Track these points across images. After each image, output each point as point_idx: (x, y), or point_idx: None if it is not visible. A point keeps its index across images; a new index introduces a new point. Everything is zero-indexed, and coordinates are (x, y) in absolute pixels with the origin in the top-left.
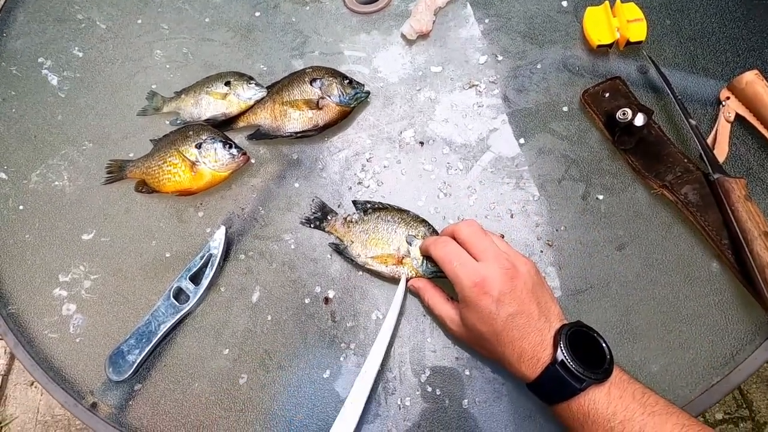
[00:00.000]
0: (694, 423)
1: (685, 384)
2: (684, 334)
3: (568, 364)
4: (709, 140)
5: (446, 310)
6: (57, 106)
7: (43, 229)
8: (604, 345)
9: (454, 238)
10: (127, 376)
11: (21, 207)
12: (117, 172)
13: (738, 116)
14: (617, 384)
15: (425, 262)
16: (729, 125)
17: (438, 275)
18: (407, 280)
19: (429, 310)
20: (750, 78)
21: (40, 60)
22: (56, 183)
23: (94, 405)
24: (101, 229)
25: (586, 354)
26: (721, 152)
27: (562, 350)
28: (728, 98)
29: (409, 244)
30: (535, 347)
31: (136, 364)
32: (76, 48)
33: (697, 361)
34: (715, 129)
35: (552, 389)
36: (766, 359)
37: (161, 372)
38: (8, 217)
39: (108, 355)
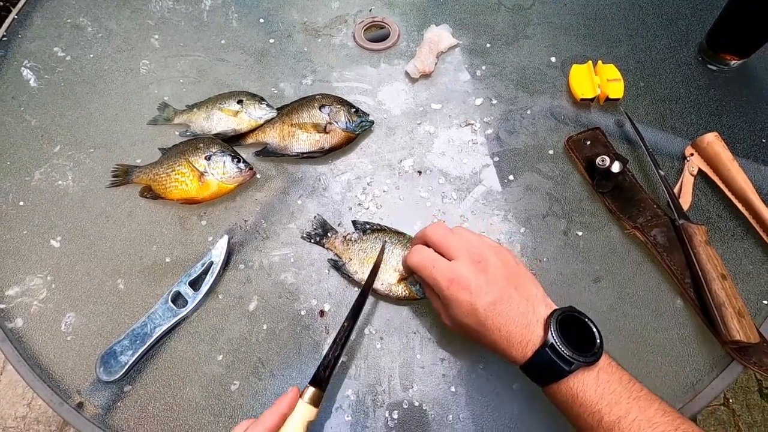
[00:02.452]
0: (674, 411)
1: None
2: (650, 364)
3: (557, 347)
4: (676, 190)
5: (439, 304)
6: (67, 108)
7: (42, 226)
8: (595, 330)
9: (426, 242)
10: (117, 376)
11: (21, 203)
12: (123, 176)
13: (700, 171)
14: (606, 369)
15: (419, 283)
16: (692, 178)
17: None
18: (400, 298)
19: (427, 322)
20: (710, 139)
21: (52, 63)
22: (60, 182)
23: (80, 405)
24: (102, 230)
25: (578, 338)
26: (686, 201)
27: (552, 334)
28: (692, 154)
29: None
30: (522, 330)
31: (128, 366)
32: (92, 55)
33: (662, 388)
34: (680, 180)
35: (542, 371)
36: (722, 389)
37: (152, 375)
38: (7, 211)
39: (99, 355)
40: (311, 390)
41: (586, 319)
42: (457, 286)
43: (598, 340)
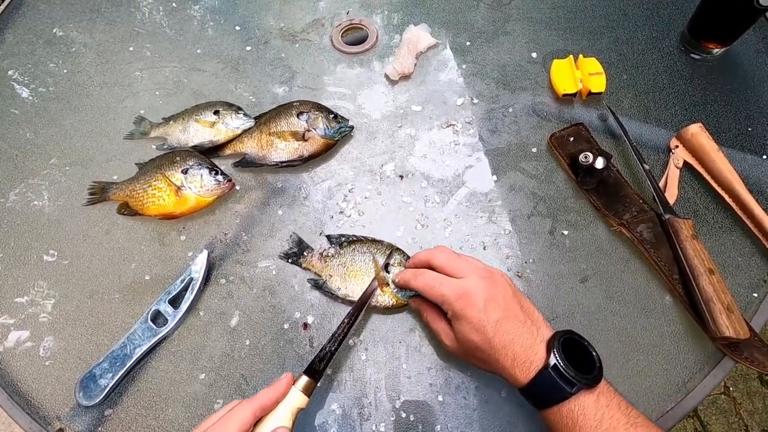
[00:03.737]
0: None
1: (642, 410)
2: (641, 363)
3: (561, 368)
4: (661, 184)
5: (441, 326)
6: (41, 127)
7: (18, 248)
8: (594, 353)
9: (431, 266)
10: (97, 400)
11: None
12: (99, 193)
13: (686, 163)
14: (605, 393)
15: (405, 288)
16: (678, 171)
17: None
18: (387, 307)
19: (427, 326)
20: (695, 130)
21: (25, 80)
22: (35, 202)
23: (60, 431)
24: (79, 249)
25: (575, 362)
26: (672, 195)
27: (555, 355)
28: (677, 147)
29: (388, 272)
30: (527, 351)
31: (108, 389)
32: (65, 70)
33: (653, 388)
34: (666, 174)
35: (544, 393)
36: (714, 386)
37: (134, 397)
38: None
39: (79, 379)
40: (305, 379)
41: (585, 342)
42: (467, 301)
43: (598, 363)
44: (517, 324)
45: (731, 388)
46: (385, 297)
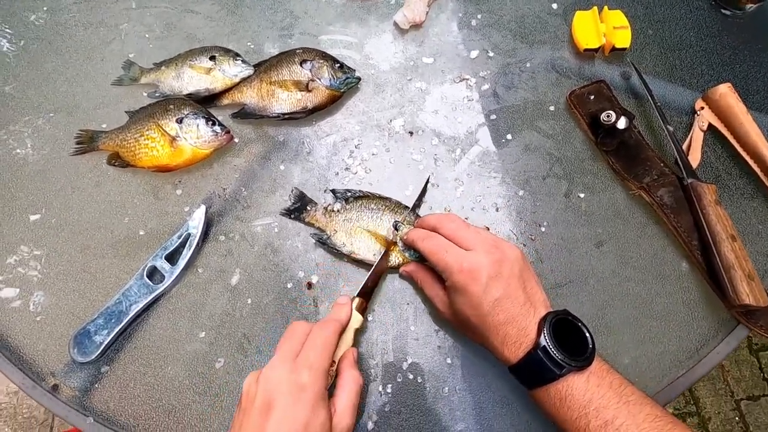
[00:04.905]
0: (666, 415)
1: (653, 376)
2: (654, 329)
3: (549, 350)
4: (684, 146)
5: (437, 292)
6: (21, 69)
7: (1, 200)
8: (587, 335)
9: (438, 232)
10: (93, 357)
11: None
12: (88, 142)
13: (711, 126)
14: (597, 373)
15: (411, 248)
16: (702, 134)
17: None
18: (394, 266)
19: (422, 292)
20: (723, 90)
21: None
22: (18, 151)
23: (55, 387)
24: (68, 201)
25: (569, 342)
26: (695, 159)
27: (545, 336)
28: (702, 108)
29: (396, 230)
30: (519, 332)
31: (103, 345)
32: (45, 8)
33: (665, 354)
34: (689, 136)
35: (532, 373)
36: (727, 353)
37: (131, 354)
38: None
39: (72, 335)
40: (358, 300)
41: (580, 324)
42: (469, 275)
43: (590, 345)
44: (516, 305)
45: None
46: (392, 256)
